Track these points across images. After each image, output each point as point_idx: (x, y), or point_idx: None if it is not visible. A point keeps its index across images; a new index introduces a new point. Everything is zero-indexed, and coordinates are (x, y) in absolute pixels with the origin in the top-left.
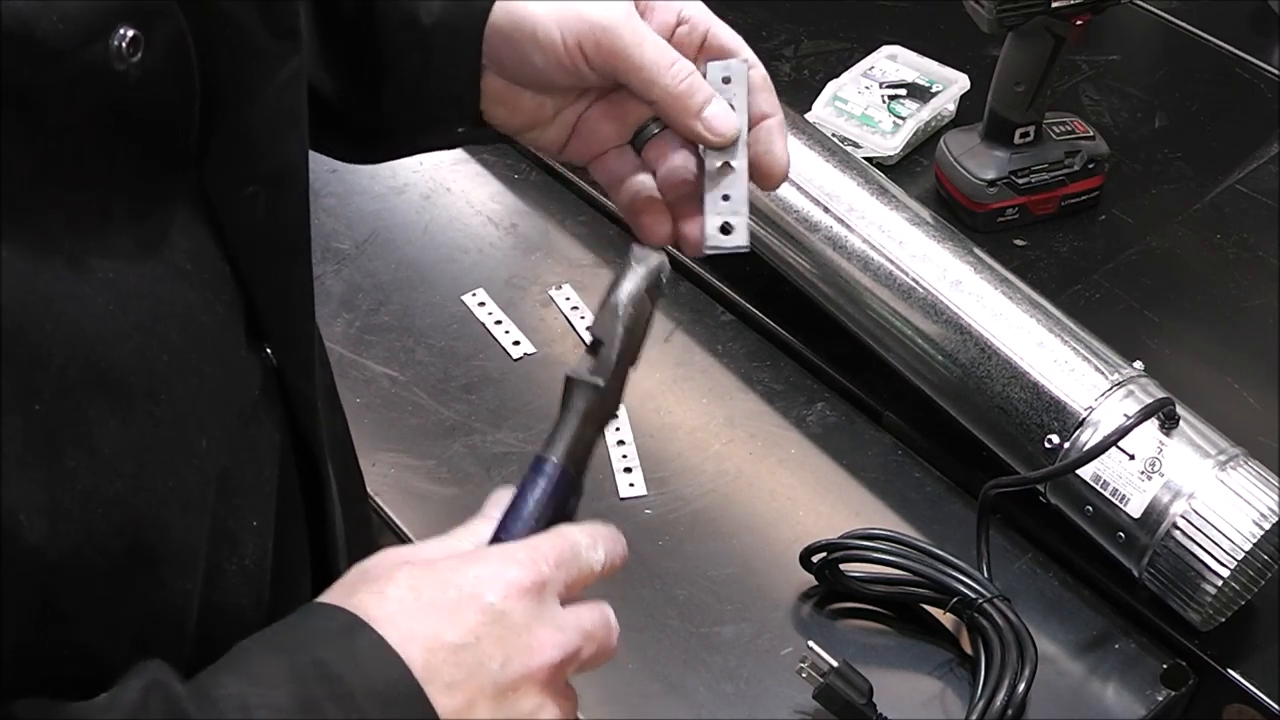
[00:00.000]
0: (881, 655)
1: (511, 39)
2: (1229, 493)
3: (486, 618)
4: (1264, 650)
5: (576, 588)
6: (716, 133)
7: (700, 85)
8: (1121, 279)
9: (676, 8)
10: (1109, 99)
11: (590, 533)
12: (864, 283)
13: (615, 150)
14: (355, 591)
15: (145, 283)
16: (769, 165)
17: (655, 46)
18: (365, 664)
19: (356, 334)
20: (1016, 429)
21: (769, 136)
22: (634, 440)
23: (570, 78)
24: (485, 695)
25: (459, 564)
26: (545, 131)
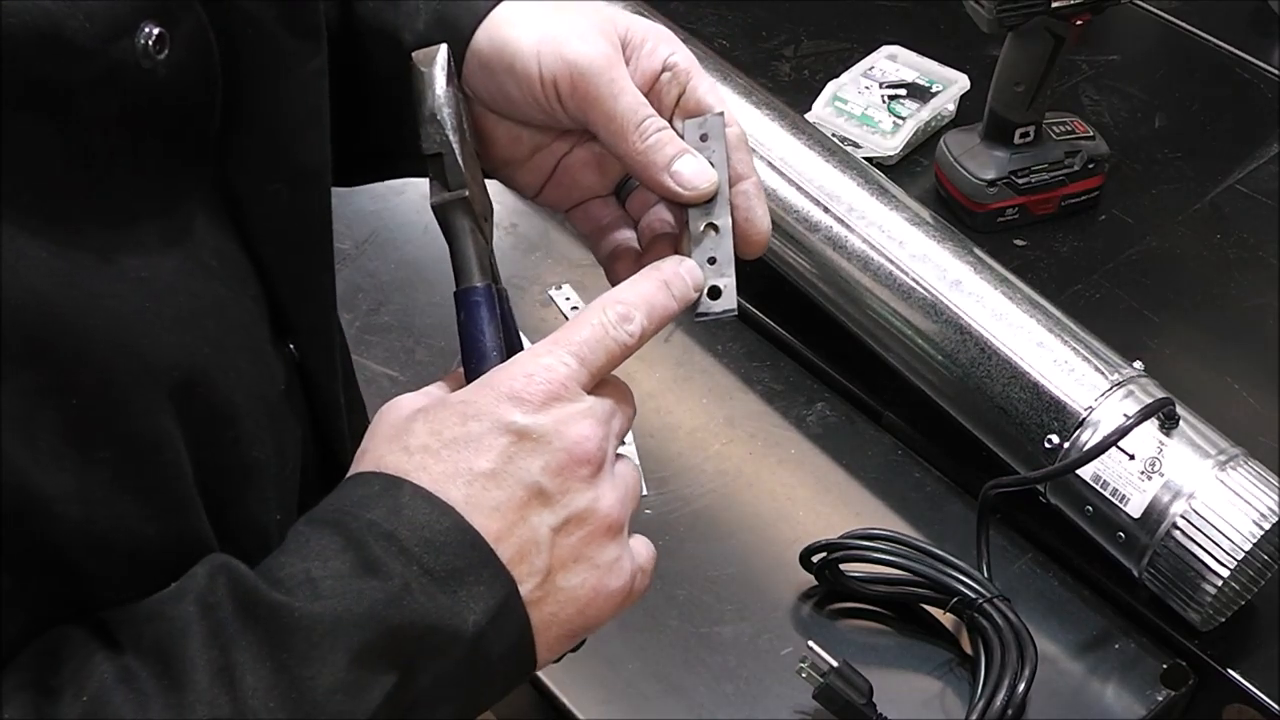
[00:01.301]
0: (881, 655)
1: (490, 66)
2: (1229, 493)
3: (513, 436)
4: (1264, 650)
5: (606, 371)
6: (687, 185)
7: (668, 140)
8: (1121, 279)
9: (664, 54)
10: (1109, 99)
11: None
12: (864, 283)
13: (599, 200)
14: (381, 454)
15: (177, 278)
16: (749, 232)
17: (629, 100)
18: (412, 516)
19: (356, 334)
20: (1016, 429)
21: (748, 201)
22: (634, 440)
23: (544, 115)
24: (535, 503)
25: (471, 395)
26: (519, 172)
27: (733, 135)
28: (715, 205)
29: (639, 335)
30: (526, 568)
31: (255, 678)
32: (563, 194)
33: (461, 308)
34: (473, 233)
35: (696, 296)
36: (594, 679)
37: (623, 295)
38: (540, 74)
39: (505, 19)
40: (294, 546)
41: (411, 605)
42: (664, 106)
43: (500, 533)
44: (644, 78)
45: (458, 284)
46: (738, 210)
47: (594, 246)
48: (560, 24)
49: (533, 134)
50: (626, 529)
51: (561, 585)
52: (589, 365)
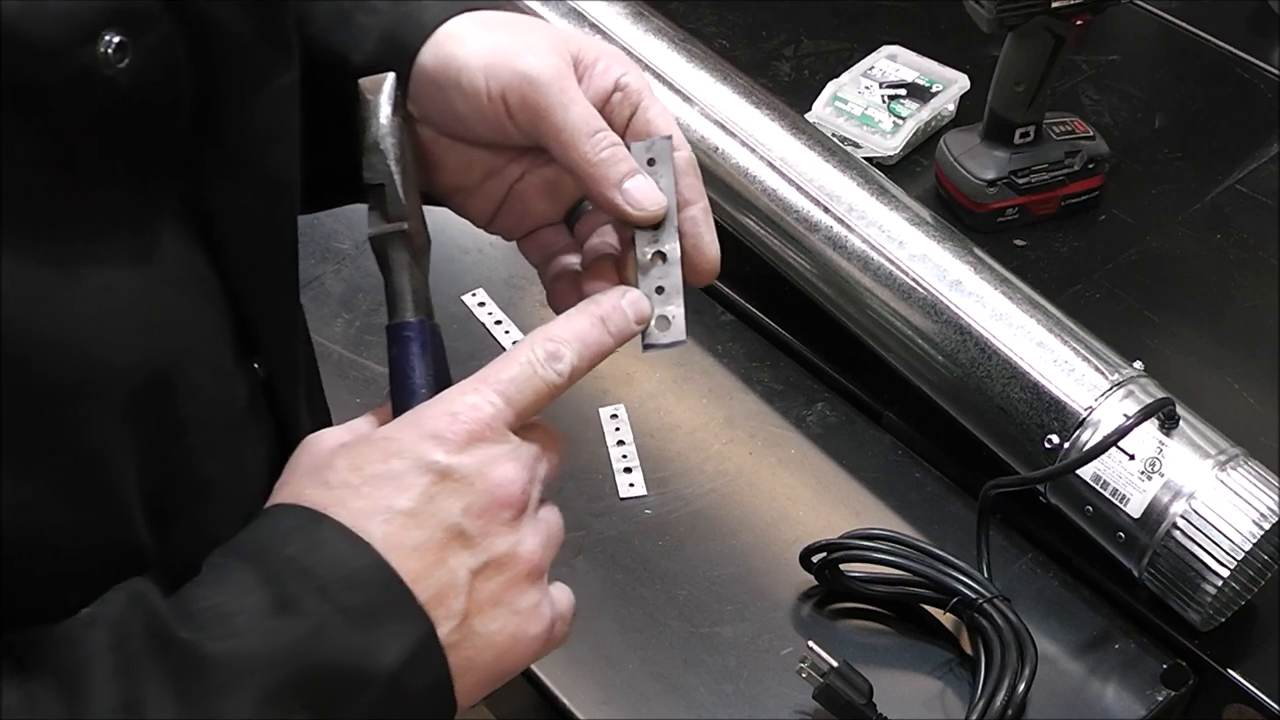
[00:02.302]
0: (881, 655)
1: (437, 82)
2: (1229, 493)
3: (435, 475)
4: (1264, 650)
5: (533, 411)
6: (638, 206)
7: (622, 156)
8: (1121, 279)
9: (617, 74)
10: (1109, 99)
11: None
12: (864, 283)
13: (550, 228)
14: (301, 488)
15: (138, 289)
16: (698, 259)
17: (581, 111)
18: (330, 552)
19: (356, 334)
20: (1016, 429)
21: (696, 228)
22: (634, 440)
23: (493, 131)
24: (455, 545)
25: (395, 432)
26: (470, 199)
27: (682, 160)
28: (663, 232)
29: (568, 375)
30: (444, 610)
31: (159, 713)
32: (514, 221)
33: (393, 343)
34: (409, 266)
35: (638, 330)
36: (594, 679)
37: (554, 332)
38: (488, 88)
39: (453, 35)
40: (211, 579)
41: (325, 645)
42: (615, 127)
43: (419, 573)
44: (596, 96)
45: (390, 318)
46: (686, 237)
47: (542, 275)
48: (510, 39)
49: (484, 158)
50: (547, 574)
51: (479, 630)
52: (515, 405)
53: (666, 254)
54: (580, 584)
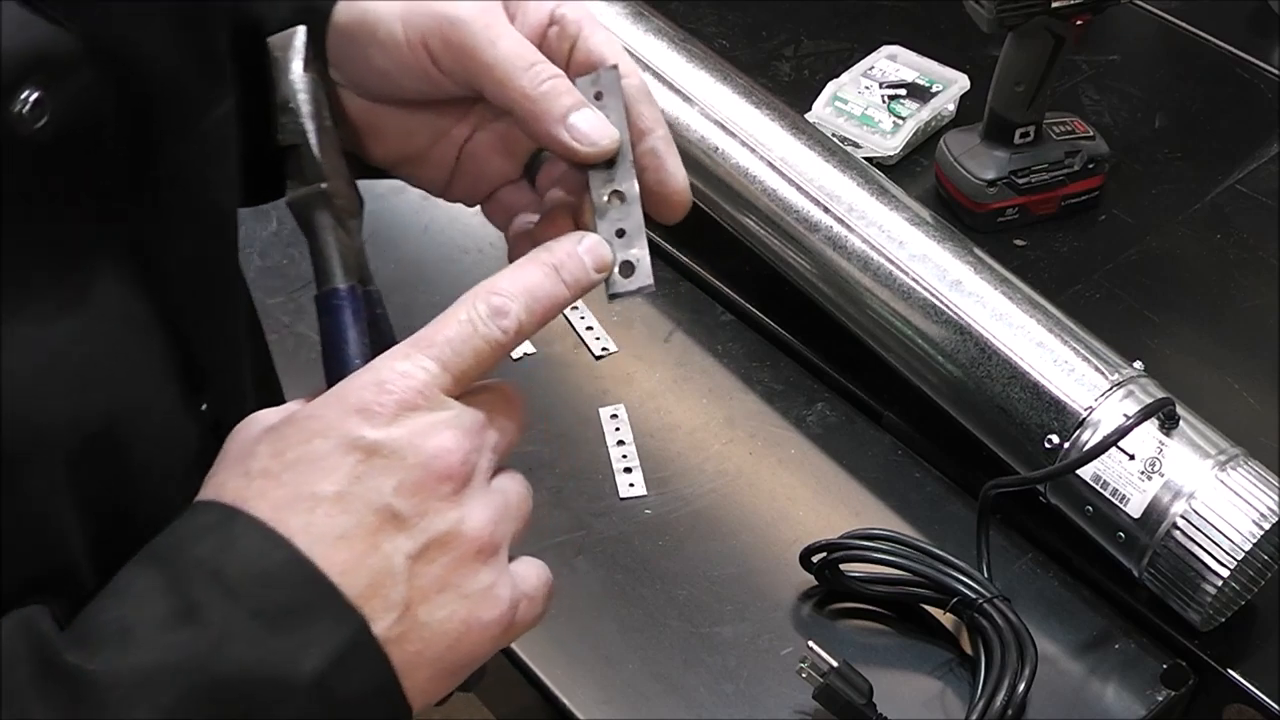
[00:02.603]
0: (881, 655)
1: (353, 38)
2: (1229, 493)
3: (361, 453)
4: (1264, 650)
5: (476, 373)
6: (586, 140)
7: (564, 89)
8: (1121, 279)
9: (549, 6)
10: (1109, 99)
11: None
12: (864, 283)
13: (510, 187)
14: (223, 480)
15: (74, 341)
16: (664, 190)
17: (512, 43)
18: (244, 550)
19: None
20: (1016, 429)
21: (656, 157)
22: (634, 440)
23: (422, 84)
24: (388, 528)
25: (316, 408)
26: (421, 168)
27: (632, 87)
28: (618, 169)
29: (514, 331)
30: (380, 602)
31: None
32: (471, 185)
33: (323, 312)
34: (334, 229)
35: (598, 278)
36: (594, 679)
37: (499, 284)
38: (406, 37)
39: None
40: (118, 588)
41: (231, 654)
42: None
43: (348, 564)
44: (530, 32)
45: (318, 286)
46: (647, 170)
47: (507, 236)
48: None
49: (427, 121)
50: (504, 551)
51: (425, 619)
52: (453, 369)
53: (624, 193)
54: (580, 584)
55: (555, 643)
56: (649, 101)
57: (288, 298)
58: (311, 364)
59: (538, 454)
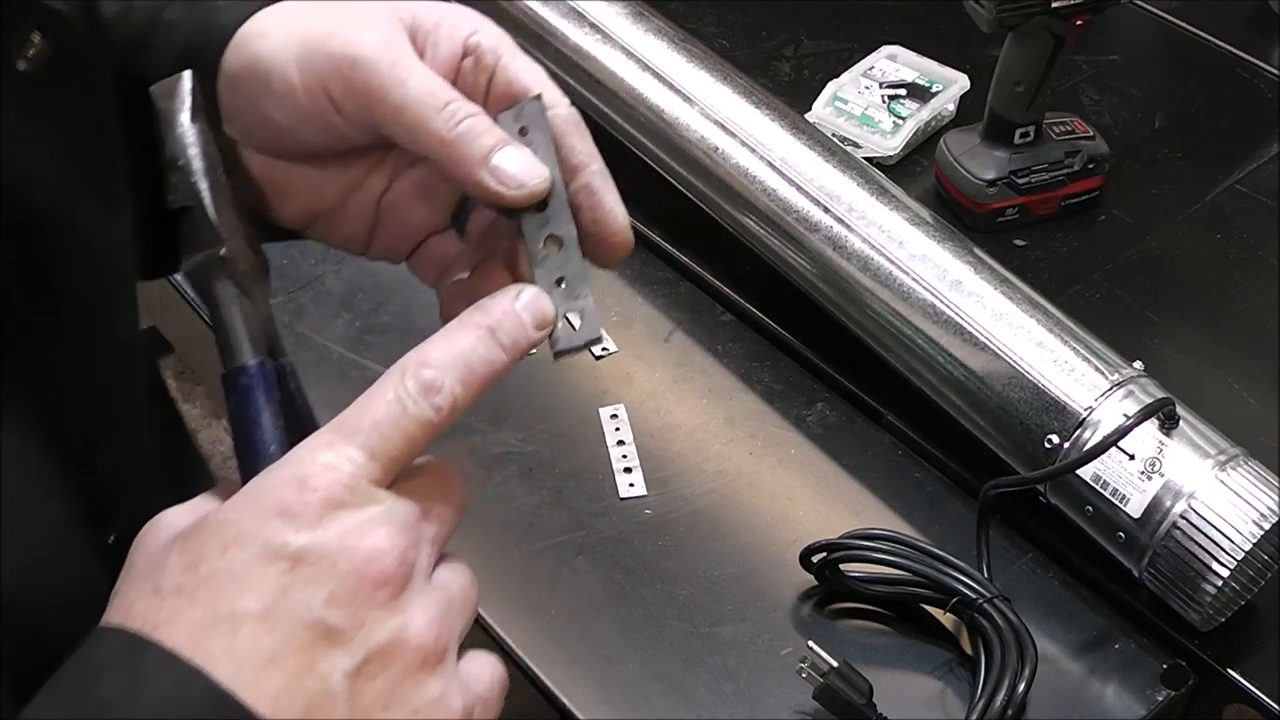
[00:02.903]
0: (881, 655)
1: (244, 89)
2: (1229, 493)
3: (286, 563)
4: (1264, 650)
5: (408, 458)
6: (513, 183)
7: (484, 127)
8: (1121, 279)
9: (464, 34)
10: (1109, 99)
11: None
12: (864, 283)
13: (437, 238)
14: (131, 600)
15: None
16: (602, 231)
17: (422, 81)
18: (155, 687)
19: (356, 334)
20: (1016, 429)
21: (592, 194)
22: (634, 440)
23: (325, 135)
24: (322, 645)
25: (230, 512)
26: (335, 225)
27: (560, 119)
28: (552, 212)
29: (448, 408)
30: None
31: None
32: (393, 240)
33: (230, 393)
34: (238, 299)
35: (540, 336)
36: (594, 679)
37: (429, 355)
38: (303, 83)
39: (256, 31)
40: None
41: None
42: (473, 99)
43: (280, 690)
44: (443, 65)
45: (224, 364)
46: (582, 210)
47: (440, 295)
48: (322, 19)
49: (336, 174)
50: (453, 653)
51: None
52: (382, 456)
53: (561, 237)
54: (580, 584)
55: (555, 643)
56: (580, 133)
57: (288, 298)
58: (311, 364)
59: (538, 454)
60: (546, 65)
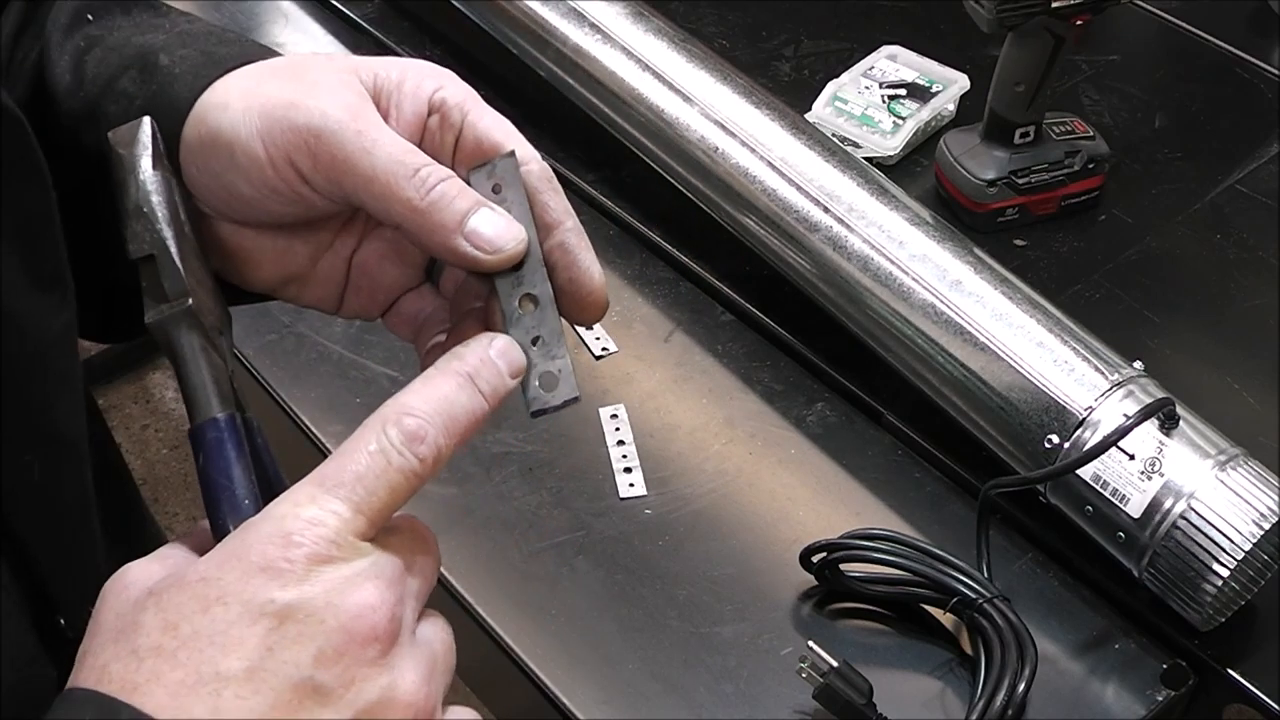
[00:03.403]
0: (881, 655)
1: (208, 164)
2: (1229, 493)
3: (272, 620)
4: (1264, 650)
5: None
6: (490, 248)
7: (457, 191)
8: (1121, 279)
9: (428, 92)
10: (1109, 99)
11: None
12: (864, 283)
13: (411, 295)
14: (105, 661)
15: None
16: (577, 290)
17: (390, 150)
18: None
19: (356, 334)
20: (1016, 429)
21: (567, 253)
22: (634, 440)
23: (294, 207)
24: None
25: (210, 569)
26: (306, 288)
27: (534, 176)
28: (526, 270)
29: (433, 459)
30: None
31: None
32: (366, 299)
33: (199, 448)
34: (205, 351)
35: (513, 383)
36: (594, 679)
37: (411, 404)
38: (269, 156)
39: (215, 103)
40: None
41: None
42: (441, 158)
43: None
44: (408, 126)
45: (191, 419)
46: (558, 270)
47: (419, 352)
48: (283, 89)
49: (304, 238)
50: (439, 708)
51: None
52: (366, 509)
53: (537, 296)
54: (580, 584)
55: (555, 643)
56: (553, 190)
57: None
58: (311, 364)
59: (538, 454)
60: (547, 65)
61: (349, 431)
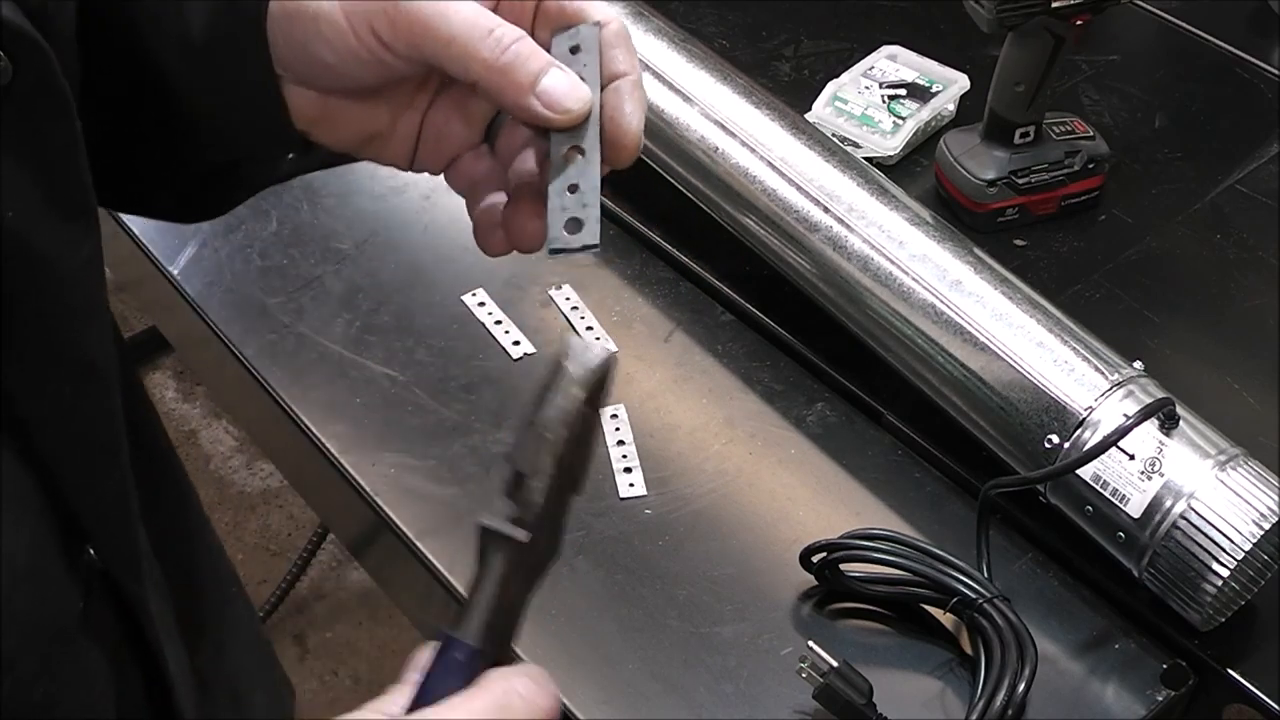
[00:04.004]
0: (881, 655)
1: (293, 37)
2: (1229, 493)
3: None
4: (1264, 650)
5: None
6: (558, 108)
7: (530, 53)
8: (1121, 279)
9: None
10: (1109, 99)
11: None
12: (864, 283)
13: (470, 154)
14: None
15: None
16: (615, 132)
17: (466, 13)
18: None
19: (356, 334)
20: (1016, 429)
21: (618, 98)
22: (634, 440)
23: (373, 71)
24: None
25: None
26: (387, 145)
27: (609, 32)
28: (584, 126)
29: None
30: None
31: None
32: (432, 154)
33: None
34: (501, 583)
35: None
36: (594, 679)
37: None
38: (351, 26)
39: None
40: None
41: None
42: (520, 23)
43: None
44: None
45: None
46: (605, 109)
47: (469, 208)
48: None
49: (385, 101)
50: None
51: None
52: None
53: (585, 149)
54: (580, 584)
55: (555, 643)
56: (625, 46)
57: (288, 298)
58: (311, 365)
59: None
60: None
61: (349, 431)
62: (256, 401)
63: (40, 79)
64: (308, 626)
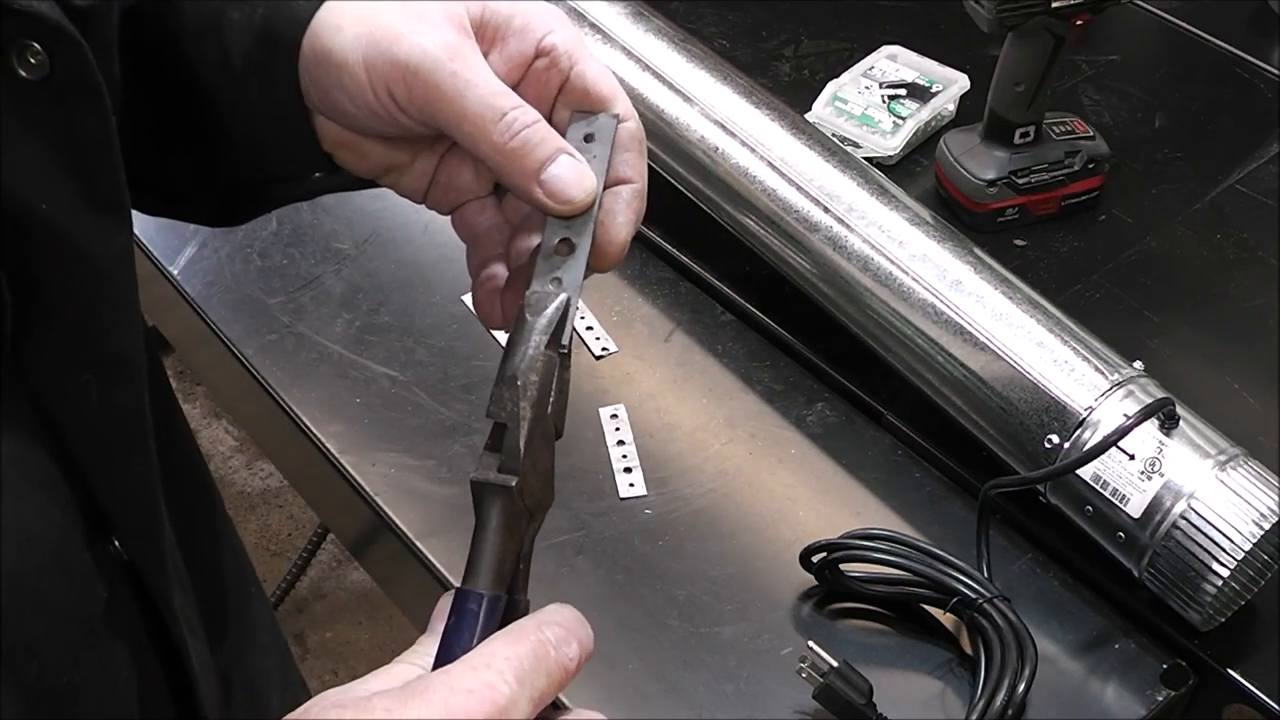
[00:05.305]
0: (881, 655)
1: (319, 81)
2: (1229, 493)
3: None
4: (1264, 650)
5: (550, 695)
6: (560, 197)
7: (542, 139)
8: (1121, 279)
9: (538, 35)
10: (1109, 99)
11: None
12: (864, 283)
13: (476, 203)
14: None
15: None
16: (602, 237)
17: (482, 93)
18: None
19: (356, 334)
20: (1016, 429)
21: (616, 203)
22: (634, 440)
23: (390, 125)
24: None
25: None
26: (402, 178)
27: (625, 132)
28: (582, 218)
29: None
30: None
31: None
32: (442, 197)
33: (454, 611)
34: (502, 531)
35: None
36: (594, 679)
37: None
38: (370, 84)
39: (329, 23)
40: None
41: None
42: (542, 99)
43: None
44: (512, 66)
45: (463, 580)
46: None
47: (468, 257)
48: (392, 18)
49: (405, 143)
50: None
51: None
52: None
53: (575, 244)
54: (580, 584)
55: None
56: (638, 150)
57: (288, 298)
58: (311, 364)
59: None
60: None
61: (349, 431)
62: (256, 401)
63: (76, 75)
64: (308, 626)
